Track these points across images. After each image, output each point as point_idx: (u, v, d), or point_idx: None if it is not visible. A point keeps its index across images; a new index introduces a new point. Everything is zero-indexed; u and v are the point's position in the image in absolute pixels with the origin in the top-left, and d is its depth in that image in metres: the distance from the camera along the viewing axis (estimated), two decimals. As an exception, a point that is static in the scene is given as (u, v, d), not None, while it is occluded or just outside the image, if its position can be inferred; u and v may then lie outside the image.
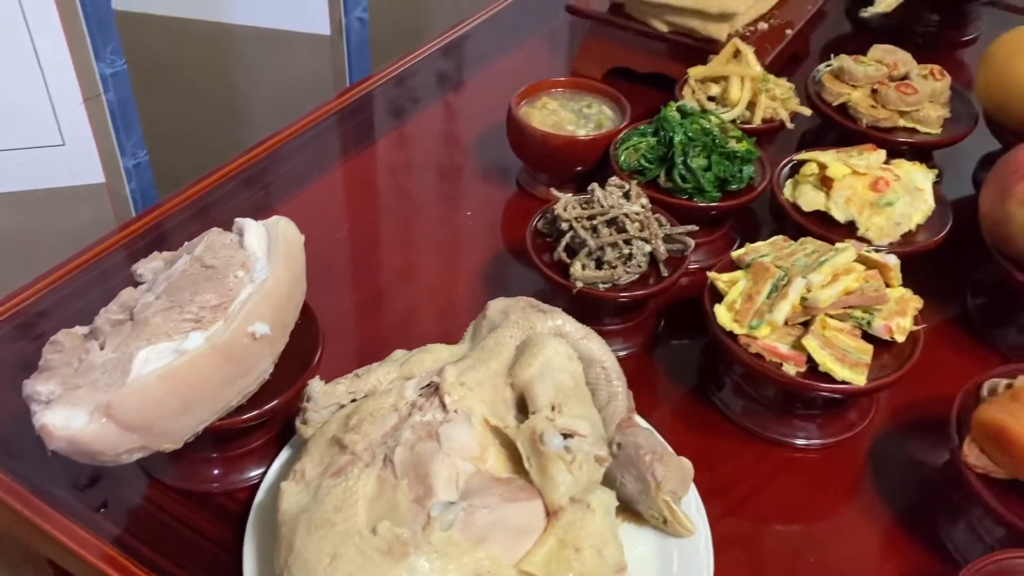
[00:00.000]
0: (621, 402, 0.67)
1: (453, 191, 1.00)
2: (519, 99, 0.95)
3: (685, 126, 0.86)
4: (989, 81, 0.95)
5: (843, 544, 0.68)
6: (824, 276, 0.71)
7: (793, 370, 0.69)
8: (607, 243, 0.75)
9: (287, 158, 1.03)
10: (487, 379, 0.62)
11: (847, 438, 0.75)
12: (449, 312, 0.83)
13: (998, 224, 0.78)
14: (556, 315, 0.68)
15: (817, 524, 0.69)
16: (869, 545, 0.68)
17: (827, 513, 0.70)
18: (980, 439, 0.63)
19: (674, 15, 1.05)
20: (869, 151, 0.85)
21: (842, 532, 0.69)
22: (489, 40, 1.25)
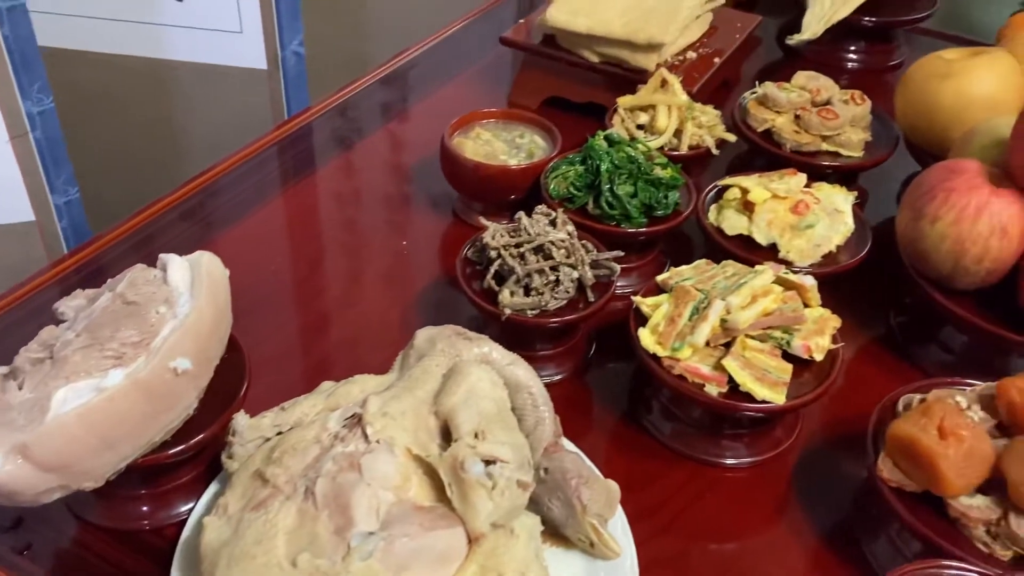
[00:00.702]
0: (548, 427, 0.68)
1: (389, 221, 1.01)
2: (452, 130, 0.97)
3: (611, 154, 0.88)
4: (907, 105, 0.98)
5: (769, 562, 0.69)
6: (743, 298, 0.72)
7: (715, 391, 0.70)
8: (534, 270, 0.76)
9: (224, 191, 1.04)
10: (411, 408, 0.62)
11: (774, 456, 0.76)
12: (382, 343, 0.84)
13: (913, 243, 0.81)
14: (482, 342, 0.69)
15: (744, 542, 0.71)
16: (795, 562, 0.69)
17: (754, 531, 0.71)
18: (893, 454, 0.65)
19: (604, 46, 1.07)
20: (790, 175, 0.88)
21: (769, 549, 0.70)
22: (428, 71, 1.27)
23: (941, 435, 0.62)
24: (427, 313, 0.88)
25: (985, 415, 0.67)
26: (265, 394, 0.72)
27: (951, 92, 0.93)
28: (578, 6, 1.08)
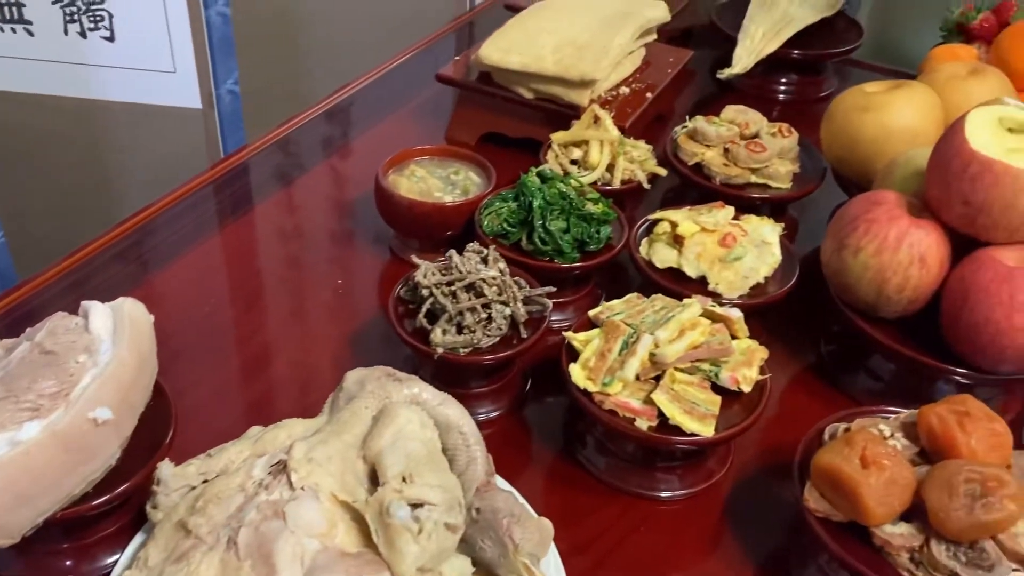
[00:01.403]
0: (480, 466, 0.68)
1: (325, 259, 1.01)
2: (387, 168, 0.97)
3: (544, 191, 0.89)
4: (831, 137, 1.00)
5: (702, 593, 0.70)
6: (671, 332, 0.73)
7: (645, 424, 0.71)
8: (466, 308, 0.77)
9: (159, 231, 1.03)
10: (338, 453, 0.62)
11: (707, 487, 0.77)
12: (315, 384, 0.83)
13: (838, 274, 0.82)
14: (412, 383, 0.69)
15: (678, 574, 0.71)
16: (728, 592, 0.70)
17: (688, 563, 0.72)
18: (819, 484, 0.66)
19: (537, 83, 1.09)
20: (718, 208, 0.90)
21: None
22: (367, 107, 1.27)
23: (863, 464, 0.63)
24: (362, 353, 0.88)
25: (908, 443, 0.69)
26: (194, 441, 0.71)
27: (872, 124, 0.95)
28: (511, 43, 1.09)
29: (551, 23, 1.12)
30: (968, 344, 0.77)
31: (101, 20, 1.12)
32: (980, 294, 0.74)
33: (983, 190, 0.75)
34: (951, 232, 0.79)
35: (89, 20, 1.11)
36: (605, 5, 1.17)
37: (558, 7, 1.17)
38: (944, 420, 0.66)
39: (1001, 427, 0.67)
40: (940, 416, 0.66)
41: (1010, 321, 0.73)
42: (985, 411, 0.67)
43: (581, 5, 1.17)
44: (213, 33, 1.12)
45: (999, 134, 0.76)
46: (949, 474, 0.62)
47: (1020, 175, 0.73)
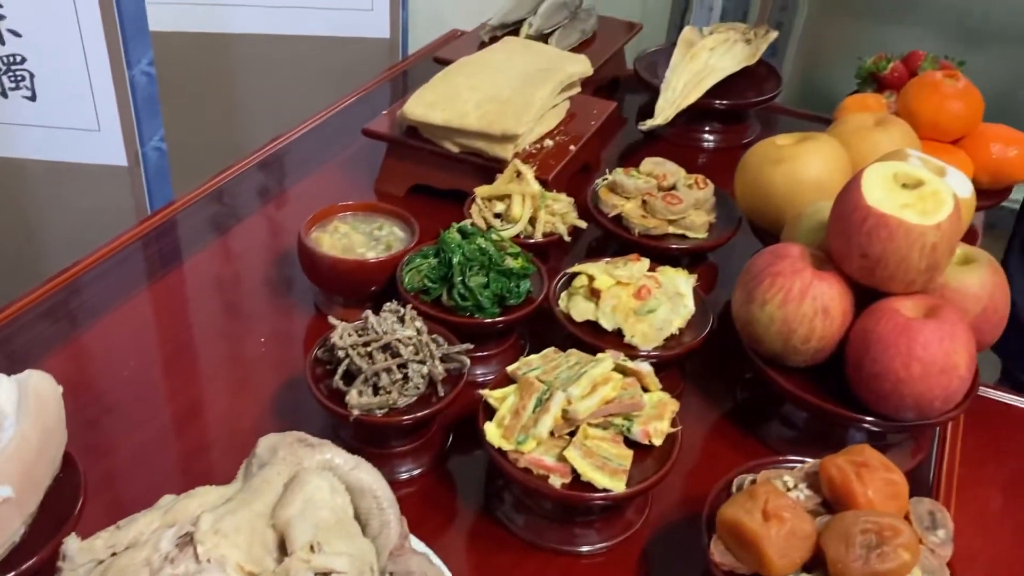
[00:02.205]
0: (393, 530, 0.68)
1: (250, 317, 1.01)
2: (310, 225, 0.98)
3: (464, 247, 0.90)
4: (744, 188, 1.04)
5: (618, 648, 0.71)
6: (583, 388, 0.75)
7: (559, 482, 0.72)
8: (382, 369, 0.77)
9: (84, 289, 1.02)
10: (246, 523, 0.62)
11: (625, 539, 0.78)
12: (233, 449, 0.83)
13: (747, 325, 0.85)
14: (324, 448, 0.69)
15: (595, 630, 0.72)
16: (643, 646, 0.71)
17: (605, 617, 0.73)
18: (724, 536, 0.67)
19: (462, 137, 1.11)
20: (633, 261, 0.92)
21: (617, 636, 0.72)
22: (297, 160, 1.28)
23: (765, 518, 0.65)
24: (284, 414, 0.88)
25: (811, 493, 0.71)
26: (107, 511, 0.70)
27: (782, 177, 0.99)
28: (435, 99, 1.11)
29: (474, 79, 1.15)
30: (872, 393, 0.79)
31: (22, 80, 1.11)
32: (879, 345, 0.77)
33: (879, 243, 0.78)
34: (853, 283, 0.82)
35: (10, 80, 1.11)
36: (527, 62, 1.20)
37: (482, 63, 1.19)
38: (843, 471, 0.68)
39: (898, 477, 0.69)
40: (839, 467, 0.69)
41: (908, 371, 0.76)
42: (882, 461, 0.69)
43: (504, 62, 1.20)
44: (137, 92, 1.12)
45: (893, 190, 0.79)
46: (846, 525, 0.65)
47: (913, 229, 0.77)
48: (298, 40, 1.53)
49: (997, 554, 0.83)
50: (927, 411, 0.78)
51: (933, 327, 0.76)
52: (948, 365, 0.76)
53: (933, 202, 0.78)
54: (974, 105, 1.13)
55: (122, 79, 1.11)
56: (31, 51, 1.09)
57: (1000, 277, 0.84)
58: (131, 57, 1.10)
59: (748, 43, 1.43)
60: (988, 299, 0.83)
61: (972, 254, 0.86)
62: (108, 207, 1.19)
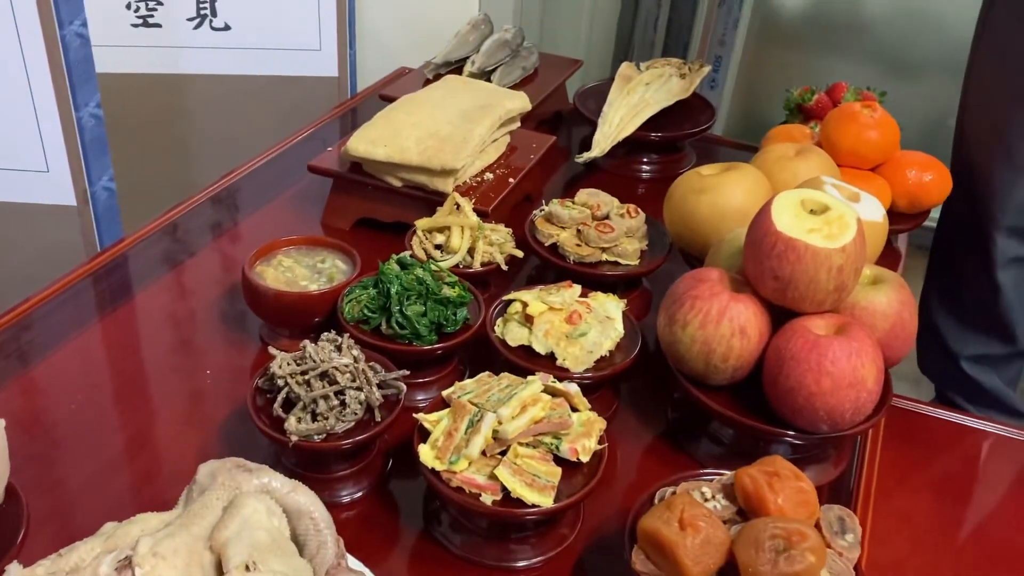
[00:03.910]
0: (330, 549, 0.71)
1: (196, 352, 1.03)
2: (253, 259, 1.01)
3: (401, 277, 0.94)
4: (672, 215, 1.09)
5: (549, 658, 0.74)
6: (512, 409, 0.78)
7: (490, 499, 0.75)
8: (319, 395, 0.80)
9: (34, 325, 1.04)
10: (184, 545, 0.64)
11: (559, 552, 0.81)
12: (177, 478, 0.85)
13: (670, 346, 0.89)
14: (262, 473, 0.72)
15: (527, 642, 0.75)
16: (573, 655, 0.74)
17: (537, 629, 0.76)
18: (644, 546, 0.71)
19: (404, 172, 1.15)
20: (566, 288, 0.96)
21: (548, 646, 0.75)
22: (243, 198, 1.31)
23: (681, 526, 0.69)
24: (227, 444, 0.90)
25: (727, 503, 0.75)
26: (51, 543, 0.72)
27: (706, 205, 1.04)
28: (377, 136, 1.15)
29: (415, 116, 1.19)
30: (787, 407, 0.84)
31: (-30, 123, 1.14)
32: (792, 361, 0.82)
33: (788, 266, 0.82)
34: (769, 305, 0.87)
35: (-42, 123, 1.14)
36: (467, 99, 1.24)
37: (422, 101, 1.24)
38: (755, 480, 0.72)
39: (807, 485, 0.73)
40: (752, 477, 0.73)
41: (819, 385, 0.81)
42: (792, 471, 0.74)
43: (444, 99, 1.24)
44: (85, 134, 1.15)
45: (801, 215, 0.84)
46: (756, 531, 0.68)
47: (819, 252, 0.82)
48: (248, 79, 1.57)
49: (914, 558, 0.88)
50: (839, 423, 0.83)
51: (841, 343, 0.81)
52: (856, 379, 0.81)
53: (838, 226, 0.83)
54: (890, 134, 1.20)
55: (70, 122, 1.14)
56: (-22, 94, 1.11)
57: (907, 295, 0.90)
58: (78, 100, 1.13)
59: (683, 77, 1.50)
60: (896, 316, 0.88)
61: (881, 275, 0.91)
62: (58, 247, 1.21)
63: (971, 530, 1.22)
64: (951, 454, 1.32)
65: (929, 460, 1.30)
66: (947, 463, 1.30)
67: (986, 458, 1.32)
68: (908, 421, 1.34)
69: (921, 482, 1.21)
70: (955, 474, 1.29)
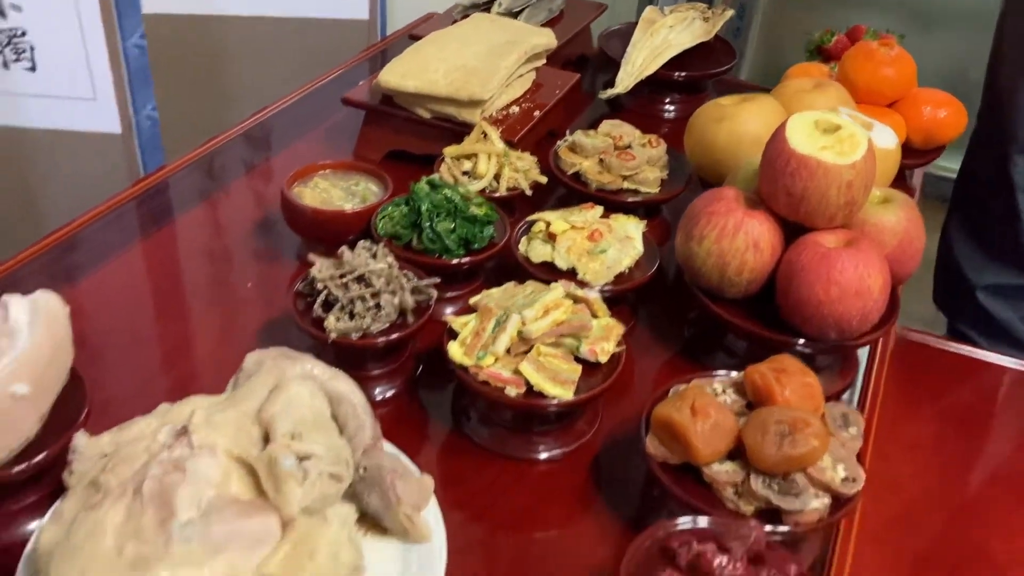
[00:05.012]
0: (367, 431, 0.77)
1: (239, 266, 1.09)
2: (291, 181, 1.06)
3: (432, 196, 0.99)
4: (692, 145, 1.13)
5: (568, 537, 0.79)
6: (536, 311, 0.83)
7: (514, 392, 0.81)
8: (356, 297, 0.86)
9: (81, 244, 1.10)
10: (234, 419, 0.70)
11: (578, 447, 0.87)
12: (223, 376, 0.90)
13: (687, 261, 0.94)
14: (305, 361, 0.77)
15: (548, 522, 0.80)
16: (591, 538, 0.79)
17: (558, 512, 0.81)
18: (658, 432, 0.76)
19: (433, 103, 1.19)
20: (588, 209, 1.01)
21: (569, 525, 0.80)
22: (281, 130, 1.36)
23: (693, 414, 0.74)
24: (268, 346, 0.96)
25: (737, 397, 0.80)
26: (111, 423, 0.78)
27: (725, 133, 1.08)
28: (407, 68, 1.20)
29: (444, 51, 1.23)
30: (797, 316, 0.88)
31: (23, 52, 1.19)
32: (803, 272, 0.86)
33: (801, 183, 0.87)
34: (782, 221, 0.91)
35: (12, 52, 1.19)
36: (494, 35, 1.28)
37: (451, 37, 1.28)
38: (764, 375, 0.77)
39: (812, 380, 0.78)
40: (761, 373, 0.78)
41: (828, 294, 0.85)
42: (800, 367, 0.78)
43: (472, 35, 1.28)
44: (130, 63, 1.20)
45: (814, 135, 0.88)
46: (763, 418, 0.73)
47: (830, 168, 0.86)
48: (282, 22, 1.61)
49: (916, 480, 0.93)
50: (846, 331, 0.87)
51: (849, 255, 0.85)
52: (862, 288, 0.85)
53: (849, 144, 0.87)
54: (907, 71, 1.23)
55: (116, 51, 1.19)
56: (31, 24, 1.17)
57: (915, 214, 0.94)
58: (124, 30, 1.18)
59: (706, 21, 1.53)
60: (904, 234, 0.92)
61: (890, 195, 0.95)
62: (104, 174, 1.27)
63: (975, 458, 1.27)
64: (960, 386, 1.36)
65: (937, 391, 1.34)
66: (956, 395, 1.35)
67: (996, 391, 1.37)
68: (918, 353, 1.38)
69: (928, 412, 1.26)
70: (963, 405, 1.34)
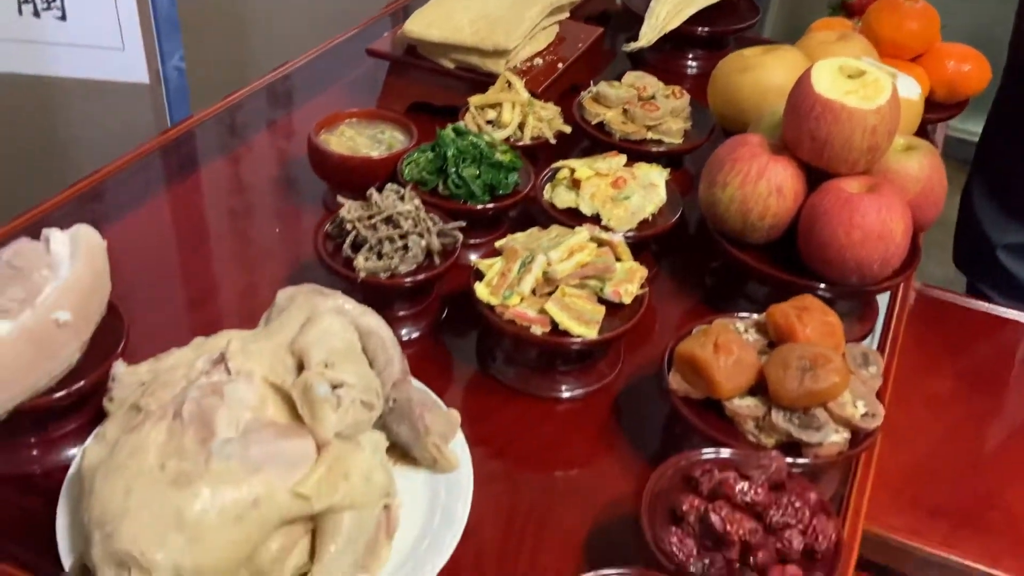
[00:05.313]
0: (396, 365, 0.79)
1: (266, 213, 1.11)
2: (318, 128, 1.07)
3: (457, 142, 1.00)
4: (716, 96, 1.13)
5: (590, 473, 0.81)
6: (561, 253, 0.85)
7: (539, 330, 0.82)
8: (384, 237, 0.88)
9: (111, 191, 1.12)
10: (269, 349, 0.72)
11: (600, 387, 0.89)
12: (253, 315, 0.93)
13: (710, 207, 0.95)
14: (336, 296, 0.79)
15: (571, 458, 0.82)
16: (611, 472, 0.81)
17: (580, 449, 0.83)
18: (681, 368, 0.78)
19: (457, 53, 1.20)
20: (612, 156, 1.02)
21: (591, 461, 0.82)
22: (306, 82, 1.38)
23: (715, 350, 0.75)
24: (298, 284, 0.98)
25: (759, 337, 0.81)
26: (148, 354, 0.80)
27: (749, 83, 1.08)
28: (432, 19, 1.21)
29: (468, 1, 1.24)
30: (818, 260, 0.89)
31: (54, 1, 1.21)
32: (825, 216, 0.87)
33: (826, 127, 0.87)
34: (806, 168, 0.92)
35: (42, 1, 1.21)
36: (519, -15, 1.29)
37: (475, -13, 1.28)
38: (786, 313, 0.78)
39: (833, 319, 0.79)
40: (783, 311, 0.79)
41: (849, 238, 0.86)
42: (821, 306, 0.80)
43: (496, -15, 1.29)
44: (159, 13, 1.22)
45: (839, 80, 0.88)
46: (785, 354, 0.75)
47: (855, 113, 0.86)
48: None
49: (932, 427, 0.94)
50: (868, 276, 0.88)
51: (872, 199, 0.86)
52: (884, 232, 0.86)
53: (873, 89, 0.87)
54: (931, 24, 1.22)
55: (144, 1, 1.20)
56: (61, -27, 1.18)
57: (937, 162, 0.94)
58: (153, -21, 1.19)
59: (729, -24, 1.52)
60: (926, 180, 0.93)
61: (913, 143, 0.96)
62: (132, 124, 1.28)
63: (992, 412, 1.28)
64: (979, 342, 1.37)
65: (956, 346, 1.35)
66: (974, 350, 1.36)
67: (1015, 347, 1.38)
68: (937, 309, 1.39)
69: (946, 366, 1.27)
70: (981, 361, 1.35)
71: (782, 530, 0.63)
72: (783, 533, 0.63)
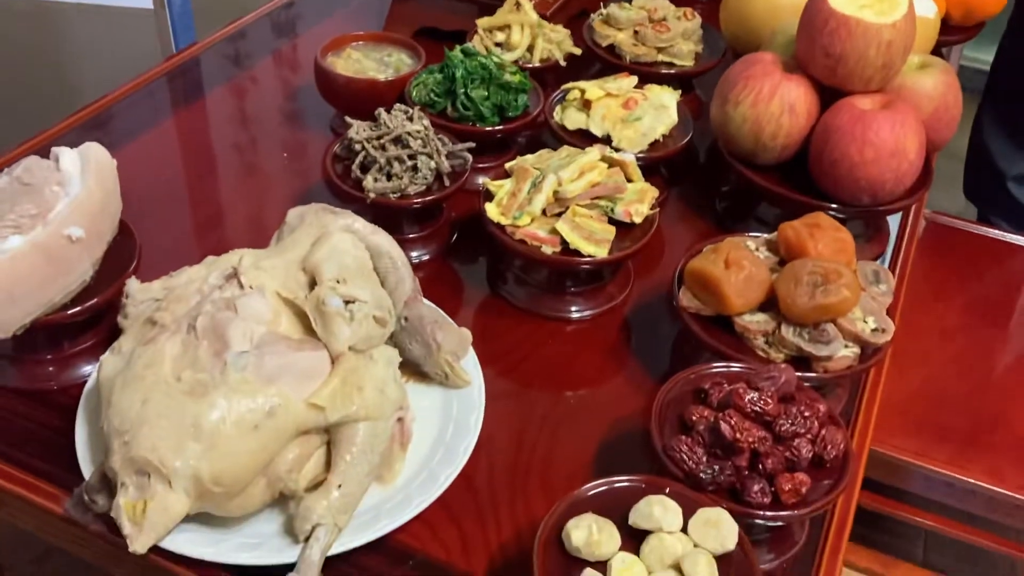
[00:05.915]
0: (407, 284, 0.79)
1: (273, 138, 1.10)
2: (325, 51, 1.06)
3: (466, 63, 0.99)
4: (728, 16, 1.11)
5: (600, 390, 0.82)
6: (572, 172, 0.84)
7: (549, 250, 0.82)
8: (393, 157, 0.87)
9: (118, 116, 1.11)
10: (281, 265, 0.72)
11: (609, 308, 0.89)
12: (262, 237, 0.93)
13: (721, 127, 0.94)
14: (346, 215, 0.79)
15: (580, 376, 0.83)
16: (620, 390, 0.82)
17: (589, 367, 0.84)
18: (691, 285, 0.78)
19: (465, -25, 1.18)
20: (623, 77, 1.00)
21: (600, 379, 0.83)
22: (310, 9, 1.36)
23: (726, 266, 0.75)
24: (307, 210, 0.98)
25: (770, 254, 0.81)
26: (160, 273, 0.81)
27: (761, 1, 1.06)
28: (439, -61, 1.18)
29: (476, -79, 1.21)
30: (830, 179, 0.89)
31: (54, -77, 1.19)
32: (837, 133, 0.86)
33: (840, 43, 0.86)
34: (819, 86, 0.91)
35: (42, -77, 1.18)
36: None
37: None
38: (797, 230, 0.78)
39: (845, 235, 0.79)
40: (795, 228, 0.79)
41: (862, 155, 0.85)
42: (832, 223, 0.79)
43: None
44: (161, -65, 1.19)
45: (855, -6, 0.87)
46: (796, 269, 0.75)
47: (870, 28, 0.85)
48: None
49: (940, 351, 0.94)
50: (880, 194, 0.88)
51: (885, 116, 0.85)
52: (898, 149, 0.85)
53: (889, 4, 0.86)
54: (950, -57, 1.20)
55: (147, -77, 1.18)
56: None
57: (952, 79, 0.93)
58: (155, -100, 1.16)
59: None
60: (940, 99, 0.91)
61: (928, 61, 0.94)
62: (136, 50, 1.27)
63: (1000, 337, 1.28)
64: (988, 269, 1.37)
65: (965, 273, 1.35)
66: (983, 276, 1.35)
67: (1023, 274, 1.37)
68: (947, 236, 1.39)
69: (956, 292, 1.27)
70: (990, 287, 1.35)
71: (791, 439, 0.64)
72: (792, 442, 0.64)
